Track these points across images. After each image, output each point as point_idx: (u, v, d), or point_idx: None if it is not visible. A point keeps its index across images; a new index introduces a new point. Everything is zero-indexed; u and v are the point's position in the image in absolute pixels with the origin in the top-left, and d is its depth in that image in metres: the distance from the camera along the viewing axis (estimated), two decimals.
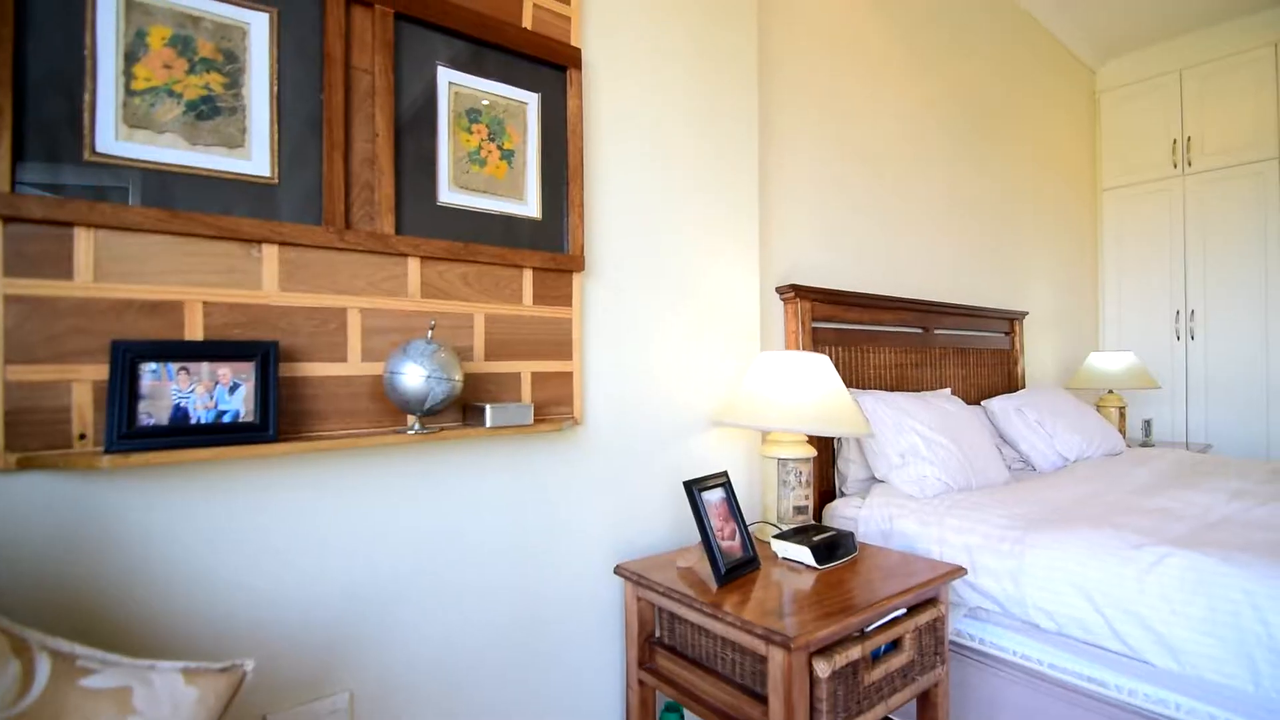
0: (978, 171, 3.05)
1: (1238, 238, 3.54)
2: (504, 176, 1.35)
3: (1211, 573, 1.30)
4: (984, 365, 2.92)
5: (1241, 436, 3.51)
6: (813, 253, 2.21)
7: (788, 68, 2.14)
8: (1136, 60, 3.88)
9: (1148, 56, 3.84)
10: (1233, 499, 1.87)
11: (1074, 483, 2.10)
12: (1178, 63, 3.72)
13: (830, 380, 1.56)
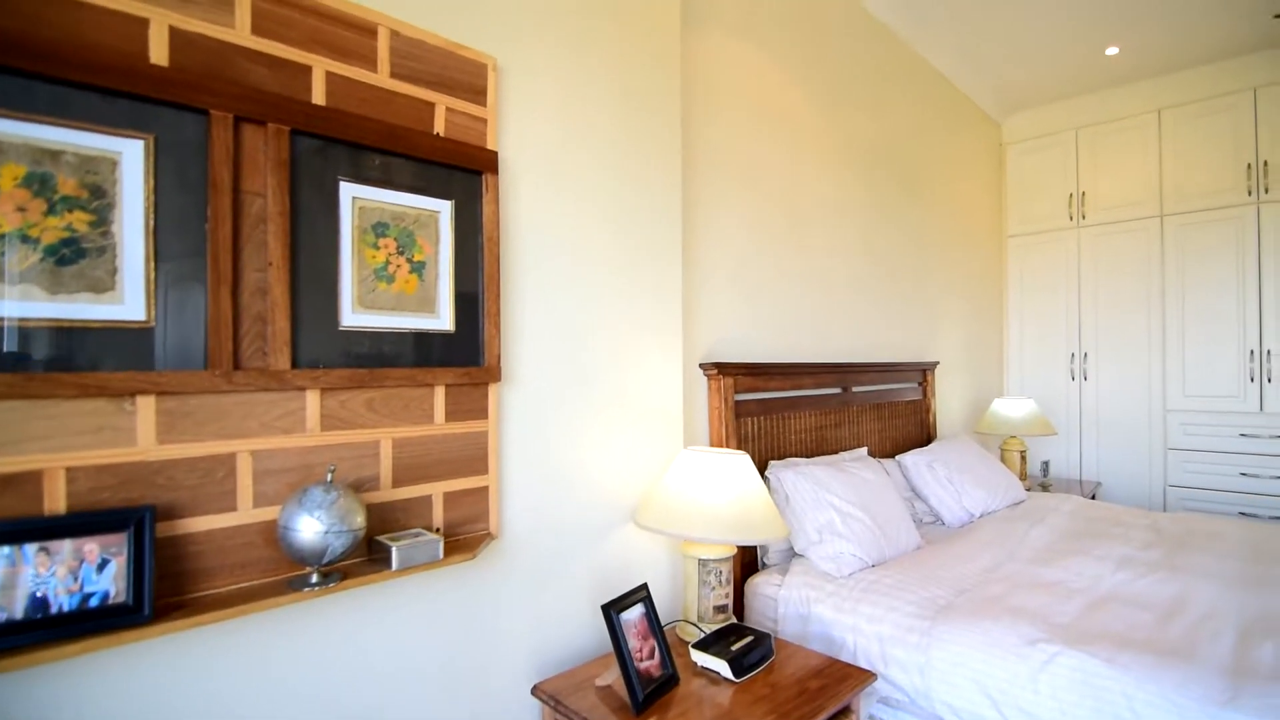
0: (893, 226, 3.17)
1: (1126, 287, 3.82)
2: (414, 291, 1.29)
3: (1096, 675, 1.39)
4: (899, 417, 3.04)
5: (1128, 472, 3.80)
6: (736, 325, 2.23)
7: (710, 143, 2.15)
8: (1038, 116, 4.14)
9: (1048, 114, 4.09)
10: (1118, 568, 2.01)
11: (978, 548, 2.20)
12: (1074, 122, 3.99)
13: (749, 481, 1.58)
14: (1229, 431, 3.51)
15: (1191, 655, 1.45)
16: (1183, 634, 1.57)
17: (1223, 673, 1.36)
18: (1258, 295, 3.43)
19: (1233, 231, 3.48)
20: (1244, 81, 3.45)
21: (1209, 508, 3.53)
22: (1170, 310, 3.68)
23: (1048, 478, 3.59)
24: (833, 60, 2.73)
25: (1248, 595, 1.77)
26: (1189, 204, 3.61)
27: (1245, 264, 3.46)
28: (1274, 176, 3.37)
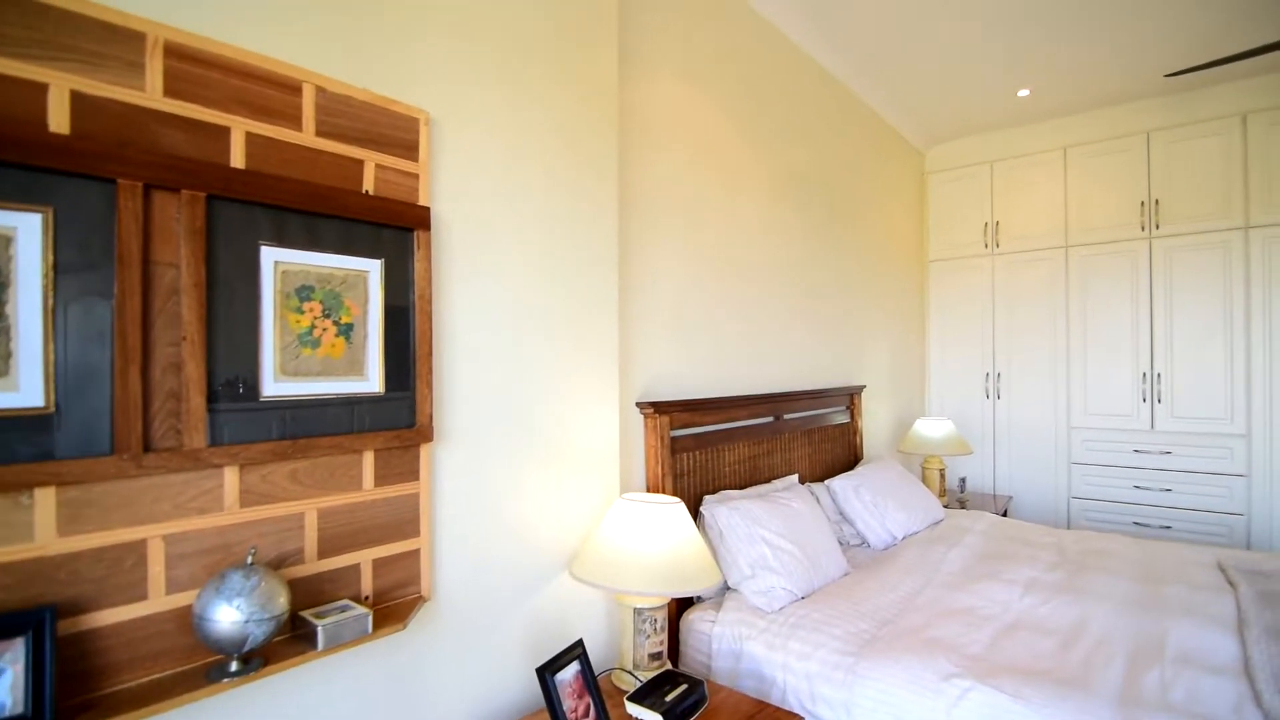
0: (823, 254, 3.28)
1: (1035, 312, 4.08)
2: (341, 355, 1.25)
3: (1004, 711, 1.48)
4: (828, 441, 3.16)
5: (1037, 485, 4.06)
6: (673, 361, 2.27)
7: (649, 183, 2.17)
8: (957, 149, 4.37)
9: (966, 147, 4.33)
10: (1026, 592, 2.16)
11: (899, 575, 2.31)
12: (989, 155, 4.23)
13: (683, 530, 1.61)
14: (1124, 447, 3.81)
15: (1087, 684, 1.57)
16: (1080, 661, 1.70)
17: (1113, 703, 1.48)
18: (1149, 323, 3.73)
19: (1128, 264, 3.78)
20: (1139, 125, 3.75)
21: (1107, 517, 3.82)
22: (1073, 334, 3.95)
23: (965, 493, 3.80)
24: (767, 96, 2.80)
25: (1136, 618, 1.93)
26: (1090, 236, 3.89)
27: (1139, 294, 3.75)
28: (1164, 213, 3.67)
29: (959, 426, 4.28)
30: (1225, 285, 3.52)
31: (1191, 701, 1.50)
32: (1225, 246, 3.51)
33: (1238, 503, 3.50)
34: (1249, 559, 2.47)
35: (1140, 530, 3.71)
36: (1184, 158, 3.61)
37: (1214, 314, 3.55)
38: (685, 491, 2.23)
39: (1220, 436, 3.54)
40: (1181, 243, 3.63)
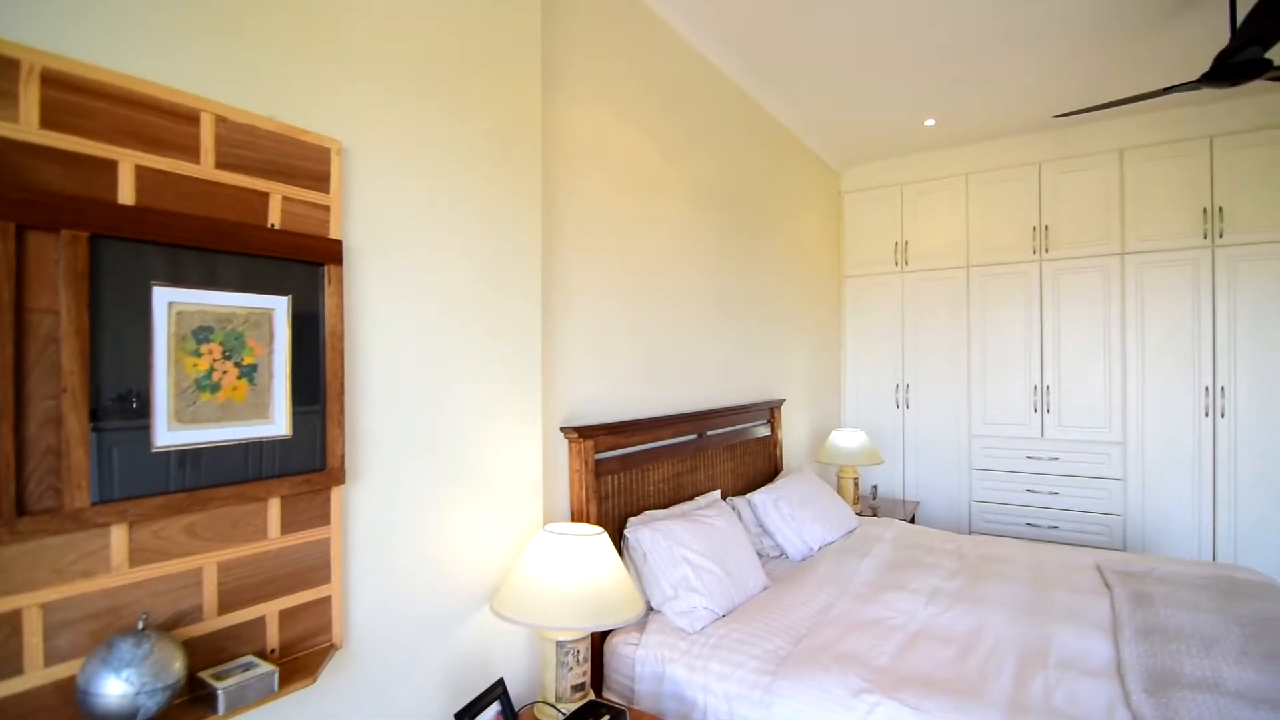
0: (744, 271, 3.37)
1: (940, 327, 4.34)
2: (244, 398, 1.19)
3: None
4: (750, 455, 3.25)
5: (942, 490, 4.32)
6: (598, 384, 2.28)
7: (573, 208, 2.17)
8: (870, 170, 4.59)
9: (878, 169, 4.55)
10: (929, 601, 2.29)
11: (815, 587, 2.41)
12: (899, 178, 4.46)
13: (605, 562, 1.62)
14: (1018, 454, 4.10)
15: (981, 692, 1.68)
16: (976, 669, 1.82)
17: (1004, 710, 1.60)
18: (1040, 339, 4.03)
19: (1021, 284, 4.07)
20: (1031, 157, 4.05)
21: (1003, 518, 4.11)
22: (974, 349, 4.23)
23: (877, 500, 3.99)
24: (689, 118, 2.86)
25: (1025, 625, 2.09)
26: (989, 258, 4.17)
27: (1031, 312, 4.05)
28: (1053, 239, 3.98)
29: (872, 435, 4.50)
30: (1104, 306, 3.85)
31: (1071, 705, 1.64)
32: (1104, 271, 3.84)
33: (1115, 504, 3.83)
34: (1123, 560, 2.72)
35: (1032, 530, 4.01)
36: (1070, 188, 3.93)
37: (1094, 332, 3.88)
38: (610, 514, 2.24)
39: (1100, 444, 3.88)
40: (1067, 266, 3.95)
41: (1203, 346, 3.61)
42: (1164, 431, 3.71)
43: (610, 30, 2.37)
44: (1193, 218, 3.62)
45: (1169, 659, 1.83)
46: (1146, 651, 1.88)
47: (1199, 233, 3.61)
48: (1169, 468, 3.69)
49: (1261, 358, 3.48)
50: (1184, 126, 3.65)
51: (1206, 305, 3.60)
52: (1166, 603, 2.23)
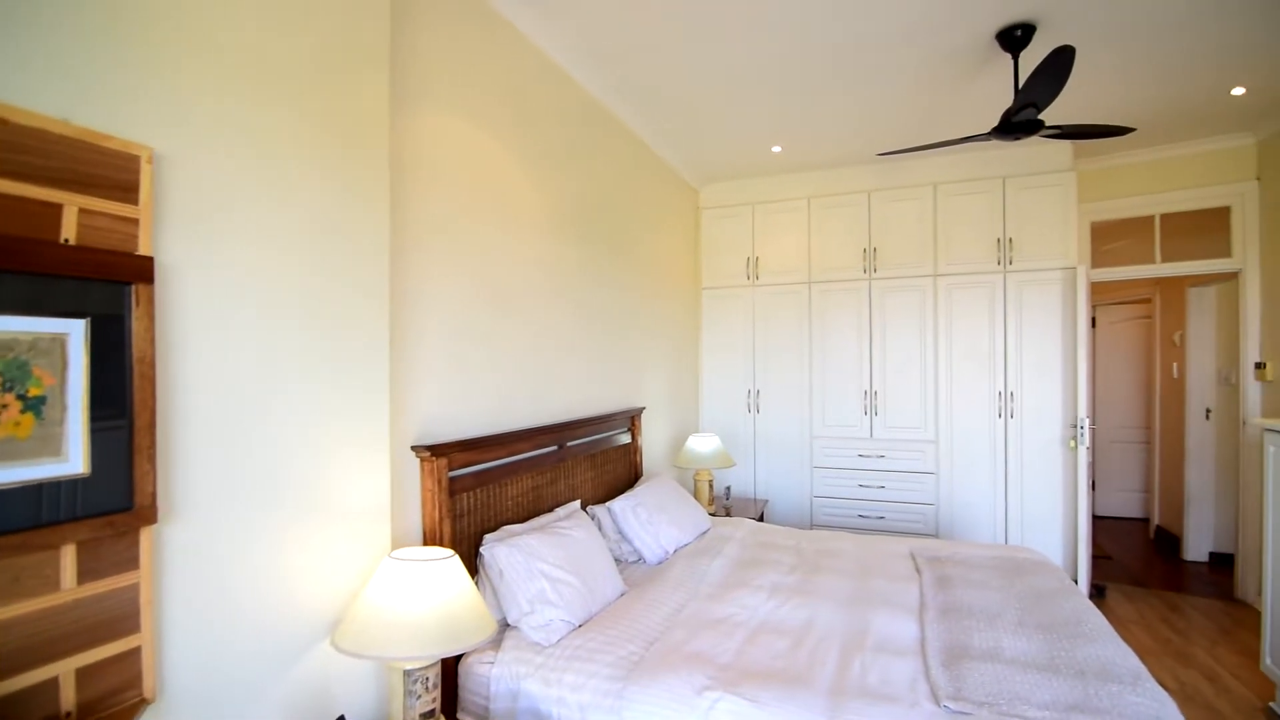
0: (604, 282, 3.44)
1: (786, 337, 4.68)
2: (29, 434, 1.06)
3: (745, 715, 1.70)
4: (610, 463, 3.33)
5: (788, 488, 4.66)
6: (452, 400, 2.23)
7: (425, 218, 2.12)
8: (725, 189, 4.86)
9: (732, 188, 4.83)
10: (770, 597, 2.48)
11: (669, 590, 2.52)
12: (751, 198, 4.77)
13: (455, 584, 1.60)
14: (851, 452, 4.53)
15: (809, 680, 1.86)
16: (806, 658, 2.00)
17: (827, 694, 1.78)
18: (869, 348, 4.48)
19: (854, 300, 4.50)
20: (862, 185, 4.49)
21: (839, 511, 4.52)
22: (815, 356, 4.61)
23: (730, 500, 4.24)
24: (548, 131, 2.88)
25: (850, 613, 2.32)
26: (827, 275, 4.57)
27: (862, 325, 4.49)
28: (880, 260, 4.44)
29: (727, 439, 4.77)
30: (920, 320, 4.36)
31: (882, 684, 1.85)
32: (921, 290, 4.35)
33: (930, 495, 4.35)
34: (931, 547, 3.09)
35: (863, 521, 4.44)
36: (894, 216, 4.40)
37: (913, 343, 4.38)
38: (466, 531, 2.21)
39: (918, 442, 4.38)
40: (892, 284, 4.42)
41: (996, 357, 4.20)
42: (967, 430, 4.26)
43: (470, 42, 2.33)
44: (989, 246, 4.20)
45: (961, 634, 2.13)
46: (944, 629, 2.17)
47: (994, 259, 4.19)
48: (971, 462, 4.25)
49: (1040, 367, 4.11)
50: (984, 168, 4.23)
51: (999, 322, 4.19)
52: (962, 584, 2.58)
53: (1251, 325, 4.01)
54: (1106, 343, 6.34)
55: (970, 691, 1.76)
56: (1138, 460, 6.15)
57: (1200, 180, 4.12)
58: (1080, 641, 2.04)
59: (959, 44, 2.81)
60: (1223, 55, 2.95)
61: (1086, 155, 4.29)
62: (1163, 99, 3.44)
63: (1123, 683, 1.80)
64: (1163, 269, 4.32)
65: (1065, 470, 4.05)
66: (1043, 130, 2.73)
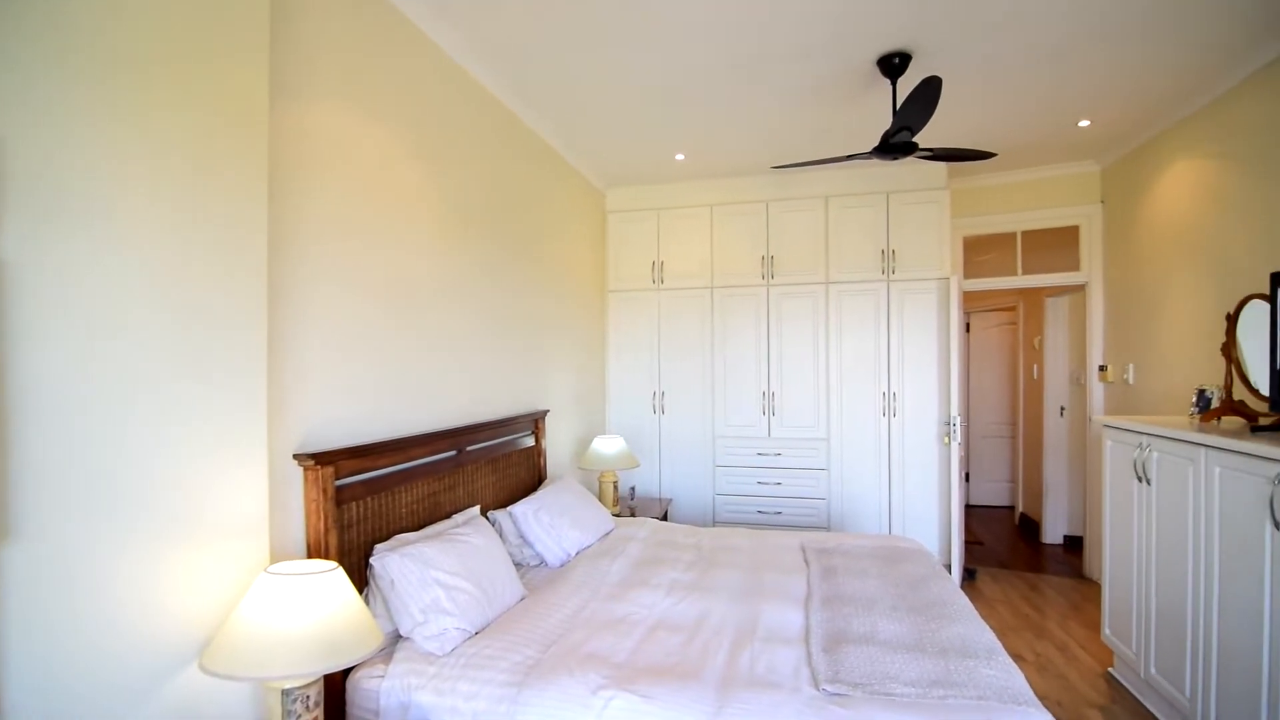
0: (510, 284, 3.42)
1: (690, 339, 4.81)
2: None
3: (638, 711, 1.74)
4: (513, 466, 3.30)
5: (691, 487, 4.79)
6: (340, 406, 2.15)
7: (312, 216, 2.03)
8: (631, 193, 4.93)
9: (638, 193, 4.91)
10: (668, 594, 2.54)
11: (570, 591, 2.54)
12: (656, 203, 4.86)
13: (339, 596, 1.55)
14: (751, 451, 4.71)
15: (701, 673, 1.92)
16: (699, 652, 2.07)
17: (717, 686, 1.85)
18: (767, 352, 4.68)
19: (753, 305, 4.69)
20: (761, 196, 4.68)
21: (740, 508, 4.68)
22: (717, 359, 4.76)
23: (635, 501, 4.30)
24: (450, 131, 2.82)
25: (741, 606, 2.42)
26: (728, 280, 4.73)
27: (760, 329, 4.69)
28: (777, 267, 4.65)
29: (633, 439, 4.83)
30: (813, 325, 4.60)
31: (769, 672, 1.95)
32: (813, 296, 4.59)
33: (822, 490, 4.59)
34: (820, 539, 3.27)
35: (761, 517, 4.63)
36: (790, 226, 4.63)
37: (806, 346, 4.62)
38: (355, 542, 2.13)
39: (811, 440, 4.62)
40: (788, 291, 4.64)
41: (881, 360, 4.49)
42: (855, 429, 4.54)
43: (363, 33, 2.25)
44: (875, 256, 4.49)
45: (842, 621, 2.27)
46: (827, 617, 2.31)
47: (879, 269, 4.48)
48: (859, 459, 4.53)
49: (919, 370, 4.43)
50: (870, 183, 4.51)
51: (883, 327, 4.48)
52: (846, 573, 2.75)
53: (1096, 332, 4.51)
54: (980, 346, 6.92)
55: (847, 674, 1.88)
56: (1006, 454, 6.75)
57: (1054, 201, 4.59)
58: (945, 622, 2.23)
59: (845, 67, 3.00)
60: (1071, 92, 3.31)
61: (959, 175, 4.68)
62: (1021, 128, 3.81)
63: (979, 658, 1.98)
64: (1024, 280, 4.77)
65: (941, 464, 4.39)
66: (917, 152, 2.95)
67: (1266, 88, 2.88)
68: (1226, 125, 3.17)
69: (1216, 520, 2.33)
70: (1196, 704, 2.43)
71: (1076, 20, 2.60)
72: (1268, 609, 2.07)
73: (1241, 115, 3.06)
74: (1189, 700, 2.48)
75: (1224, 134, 3.20)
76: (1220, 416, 2.74)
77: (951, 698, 1.76)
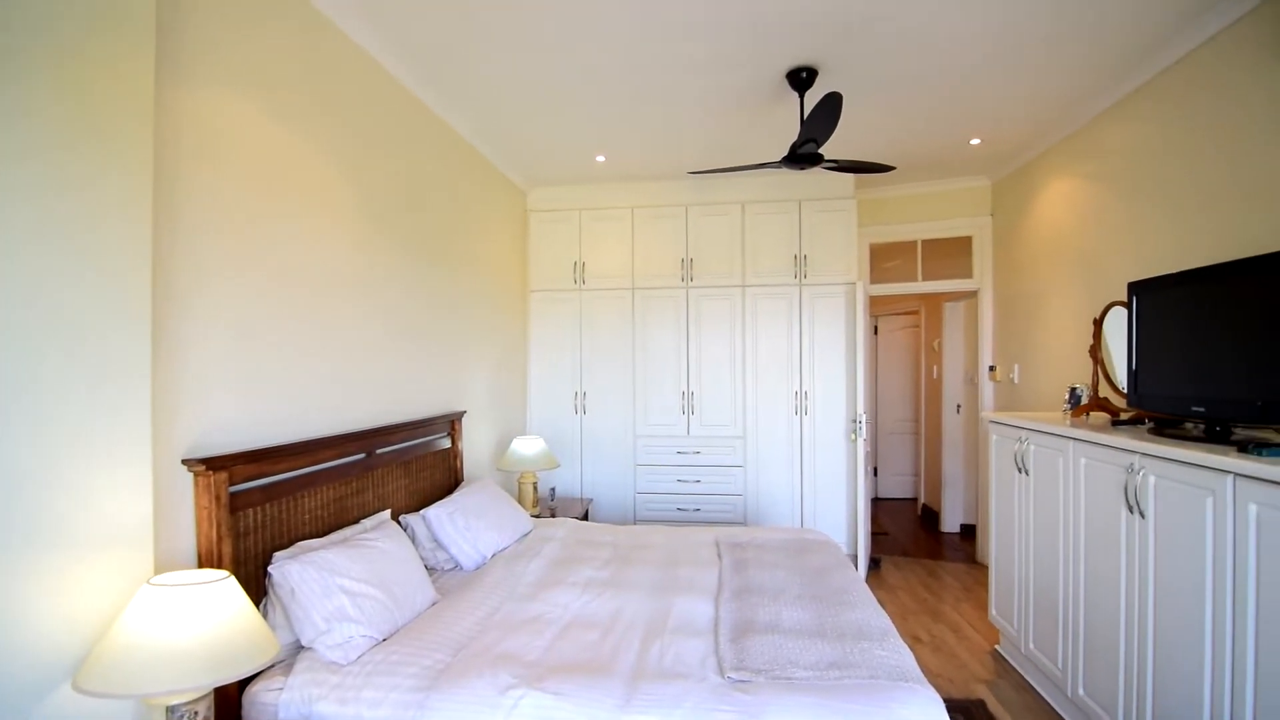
0: (426, 283, 3.34)
1: (611, 340, 4.85)
2: None
3: (549, 709, 1.75)
4: (427, 469, 3.23)
5: (613, 486, 4.83)
6: (238, 408, 2.05)
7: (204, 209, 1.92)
8: (553, 193, 4.92)
9: (560, 193, 4.90)
10: (583, 592, 2.57)
11: (484, 594, 2.52)
12: (578, 204, 4.87)
13: (231, 606, 1.49)
14: (671, 450, 4.80)
15: (612, 668, 1.96)
16: (612, 647, 2.10)
17: (626, 679, 1.88)
18: (686, 352, 4.78)
19: (673, 306, 4.78)
20: (680, 199, 4.78)
21: (660, 506, 4.76)
22: (638, 359, 4.82)
23: (555, 501, 4.29)
24: (356, 122, 2.74)
25: (655, 601, 2.47)
26: (649, 281, 4.80)
27: (680, 329, 4.78)
28: (697, 269, 4.75)
29: (554, 440, 4.83)
30: (730, 326, 4.74)
31: (677, 663, 2.00)
32: (731, 298, 4.73)
33: (738, 486, 4.73)
34: (734, 534, 3.38)
35: (680, 514, 4.72)
36: (708, 229, 4.74)
37: (724, 347, 4.75)
38: (252, 550, 2.04)
39: (729, 438, 4.75)
40: (707, 293, 4.76)
41: (794, 360, 4.68)
42: (770, 427, 4.70)
43: (263, 19, 2.15)
44: (788, 261, 4.67)
45: (749, 611, 2.36)
46: (736, 608, 2.39)
47: (792, 273, 4.67)
48: (773, 456, 4.70)
49: (829, 370, 4.64)
50: (784, 191, 4.69)
51: (796, 329, 4.67)
52: (756, 565, 2.85)
53: (986, 335, 4.86)
54: (887, 348, 7.30)
55: (751, 661, 1.96)
56: (910, 449, 7.15)
57: (950, 213, 4.91)
58: (844, 609, 2.36)
59: (757, 79, 3.11)
60: (963, 112, 3.55)
61: (865, 186, 4.93)
62: (920, 144, 4.06)
63: (873, 640, 2.11)
64: (923, 286, 5.08)
65: (849, 460, 4.61)
66: (823, 163, 3.10)
67: (1129, 115, 3.20)
68: (1096, 147, 3.50)
69: (1083, 506, 2.57)
70: (1067, 674, 2.67)
71: (966, 46, 2.81)
72: (1123, 584, 2.30)
73: (1108, 139, 3.38)
74: (1061, 670, 2.72)
75: (1094, 155, 3.52)
76: (1089, 412, 3.02)
77: (847, 678, 1.87)
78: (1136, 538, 2.22)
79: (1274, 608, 1.67)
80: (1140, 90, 3.08)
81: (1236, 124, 2.50)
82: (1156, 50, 2.84)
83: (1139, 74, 3.02)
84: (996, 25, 2.64)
